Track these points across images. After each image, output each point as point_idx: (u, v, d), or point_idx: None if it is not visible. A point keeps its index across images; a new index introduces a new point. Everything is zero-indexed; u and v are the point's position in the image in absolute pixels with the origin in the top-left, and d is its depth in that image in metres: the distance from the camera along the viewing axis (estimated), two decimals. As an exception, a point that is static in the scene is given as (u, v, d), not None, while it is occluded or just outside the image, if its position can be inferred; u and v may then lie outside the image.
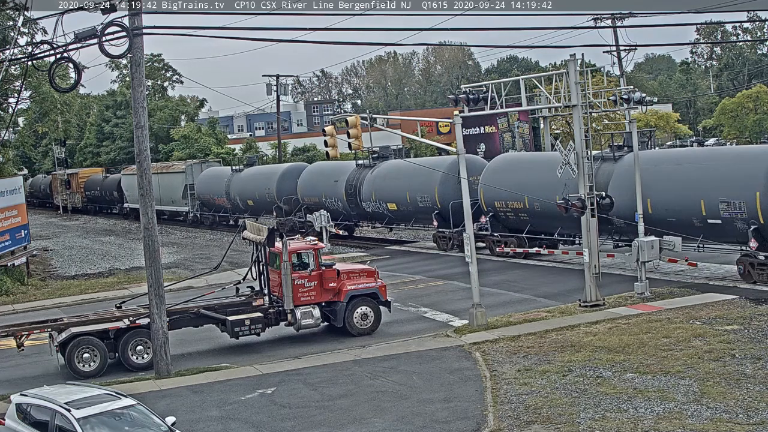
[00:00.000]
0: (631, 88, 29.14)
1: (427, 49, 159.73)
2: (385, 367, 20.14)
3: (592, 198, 25.11)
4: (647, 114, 52.89)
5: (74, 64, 20.67)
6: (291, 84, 76.22)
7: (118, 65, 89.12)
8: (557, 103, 26.87)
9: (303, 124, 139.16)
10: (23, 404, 14.77)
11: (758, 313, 22.10)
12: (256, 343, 23.87)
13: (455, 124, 24.21)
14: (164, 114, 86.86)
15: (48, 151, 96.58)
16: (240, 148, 79.77)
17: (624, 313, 23.54)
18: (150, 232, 21.04)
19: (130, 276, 37.89)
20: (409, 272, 33.82)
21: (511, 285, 29.65)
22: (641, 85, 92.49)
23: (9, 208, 38.05)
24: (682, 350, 19.21)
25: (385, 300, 24.50)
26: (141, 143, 20.94)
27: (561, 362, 19.13)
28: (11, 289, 35.59)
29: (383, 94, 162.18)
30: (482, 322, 23.33)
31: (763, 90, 75.05)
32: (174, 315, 22.74)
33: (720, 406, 15.46)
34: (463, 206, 24.46)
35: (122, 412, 14.06)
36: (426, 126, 68.00)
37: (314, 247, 24.03)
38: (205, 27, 28.48)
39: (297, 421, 16.81)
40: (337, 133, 25.25)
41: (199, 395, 18.98)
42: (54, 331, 22.38)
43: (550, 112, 33.67)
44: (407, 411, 16.80)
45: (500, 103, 27.39)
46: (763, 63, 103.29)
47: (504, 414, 16.09)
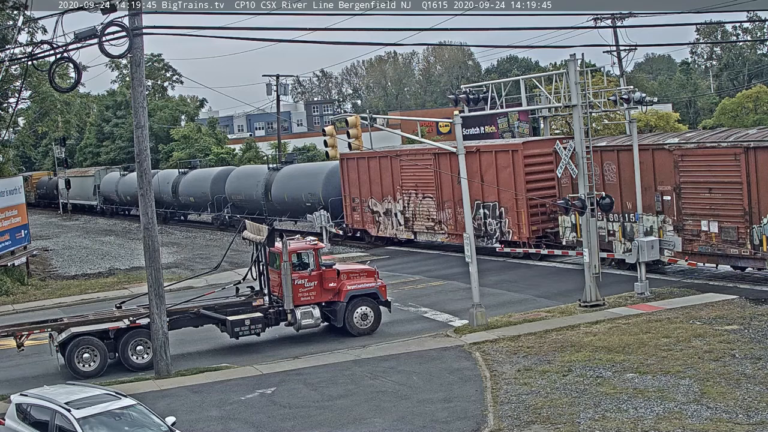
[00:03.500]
0: (631, 88, 29.11)
1: (427, 49, 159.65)
2: (385, 367, 20.15)
3: (592, 198, 25.11)
4: (647, 114, 52.81)
5: (74, 64, 20.69)
6: (291, 84, 76.36)
7: (118, 65, 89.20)
8: (557, 103, 26.87)
9: (303, 124, 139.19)
10: (23, 404, 14.78)
11: (758, 313, 22.10)
12: (256, 343, 23.87)
13: (455, 124, 24.20)
14: (164, 114, 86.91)
15: (48, 151, 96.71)
16: (240, 148, 79.81)
17: (624, 313, 23.54)
18: (150, 232, 21.05)
19: (130, 276, 37.89)
20: (409, 272, 33.82)
21: (511, 285, 29.66)
22: (641, 85, 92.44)
23: (9, 208, 38.05)
24: (682, 350, 19.21)
25: (385, 300, 24.50)
26: (141, 143, 20.94)
27: (561, 362, 19.13)
28: (11, 289, 35.57)
29: (383, 94, 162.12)
30: (482, 322, 23.33)
31: (763, 90, 75.03)
32: (174, 315, 22.74)
33: (720, 406, 15.46)
34: (463, 206, 24.46)
35: (122, 412, 14.06)
36: (426, 126, 67.94)
37: (314, 247, 24.04)
38: (205, 27, 28.55)
39: (297, 421, 16.81)
40: (337, 133, 25.25)
41: (199, 395, 18.98)
42: (54, 331, 22.38)
43: (550, 112, 33.67)
44: (407, 411, 16.80)
45: (500, 103, 27.39)
46: (763, 63, 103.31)
47: (504, 414, 16.09)
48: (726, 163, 25.54)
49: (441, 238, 37.81)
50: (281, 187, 47.61)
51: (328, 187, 43.44)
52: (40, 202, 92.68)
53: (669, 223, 27.64)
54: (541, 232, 33.18)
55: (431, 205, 37.46)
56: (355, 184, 41.96)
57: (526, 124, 48.09)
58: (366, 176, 41.13)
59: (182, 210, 61.26)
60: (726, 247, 25.97)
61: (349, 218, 42.61)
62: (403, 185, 38.97)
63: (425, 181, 37.63)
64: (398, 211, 39.44)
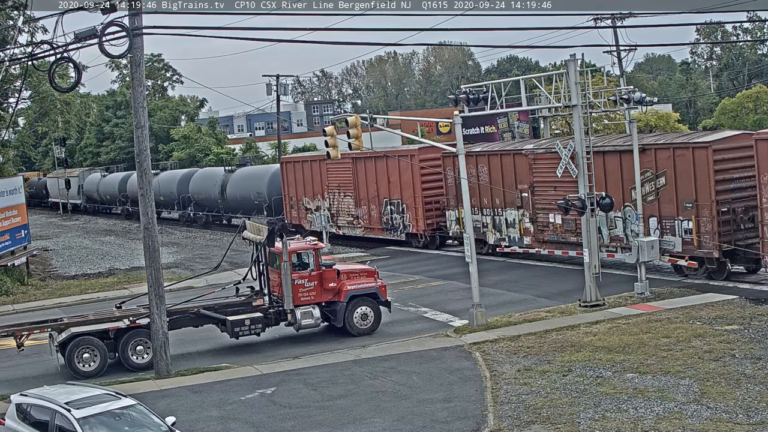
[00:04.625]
0: (631, 88, 29.13)
1: (427, 49, 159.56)
2: (385, 367, 20.15)
3: (592, 198, 25.11)
4: (647, 114, 52.81)
5: (74, 64, 20.69)
6: (291, 84, 76.21)
7: (118, 65, 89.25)
8: (557, 103, 26.87)
9: (303, 124, 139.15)
10: (23, 404, 14.77)
11: (758, 313, 22.10)
12: (256, 343, 23.87)
13: (455, 124, 24.20)
14: (164, 114, 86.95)
15: (48, 151, 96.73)
16: (240, 148, 79.85)
17: (624, 313, 23.54)
18: (150, 232, 21.04)
19: (130, 276, 37.89)
20: (408, 272, 33.82)
21: (511, 285, 29.66)
22: (641, 85, 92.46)
23: (9, 208, 38.05)
24: (682, 350, 19.21)
25: (385, 300, 24.50)
26: (141, 143, 20.94)
27: (561, 362, 19.13)
28: (11, 289, 35.57)
29: (383, 94, 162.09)
30: (482, 322, 23.33)
31: (763, 90, 75.00)
32: (174, 315, 22.74)
33: (720, 406, 15.46)
34: (463, 205, 24.46)
35: (122, 412, 14.06)
36: (426, 126, 67.95)
37: (314, 247, 24.04)
38: (205, 27, 28.56)
39: (297, 421, 16.81)
40: (338, 133, 25.26)
41: (199, 395, 18.98)
42: (54, 331, 22.37)
43: (550, 112, 33.70)
44: (407, 411, 16.80)
45: (500, 103, 27.37)
46: (763, 63, 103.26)
47: (504, 414, 16.09)
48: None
49: (359, 232, 42.94)
50: (234, 188, 53.23)
51: (271, 188, 49.31)
52: (30, 202, 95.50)
53: (527, 216, 32.69)
54: (435, 225, 38.43)
55: (350, 203, 42.78)
56: (292, 185, 47.31)
57: (526, 124, 48.09)
58: (301, 178, 46.45)
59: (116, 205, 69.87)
60: (567, 236, 30.84)
61: (288, 215, 47.53)
62: (329, 186, 44.30)
63: (346, 182, 42.94)
64: (326, 208, 44.48)
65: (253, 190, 51.15)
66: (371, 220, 41.40)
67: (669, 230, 27.44)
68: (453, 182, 35.28)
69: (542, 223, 32.10)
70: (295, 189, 46.97)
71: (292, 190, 47.29)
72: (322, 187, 44.76)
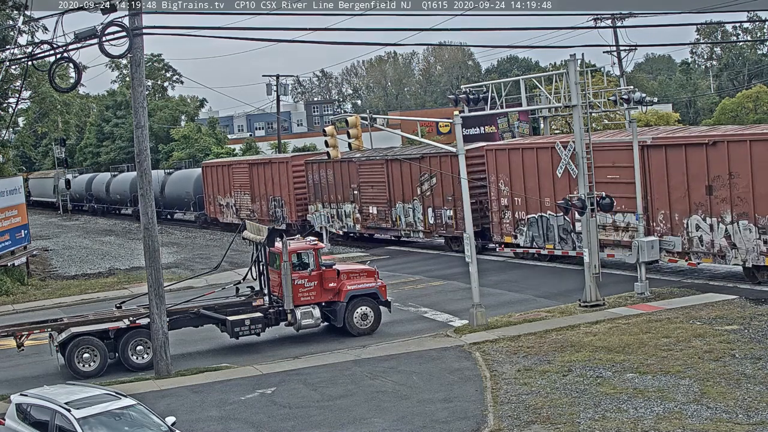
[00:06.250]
0: (631, 88, 29.19)
1: (427, 49, 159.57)
2: (385, 367, 20.15)
3: (592, 198, 25.10)
4: (647, 114, 52.85)
5: (74, 64, 20.69)
6: (291, 84, 76.36)
7: (118, 65, 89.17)
8: (557, 103, 26.88)
9: (303, 124, 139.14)
10: (23, 404, 14.78)
11: (758, 313, 22.10)
12: (256, 343, 23.87)
13: (455, 124, 24.19)
14: (164, 114, 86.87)
15: (48, 151, 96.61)
16: (240, 148, 79.83)
17: (624, 313, 23.53)
18: (150, 232, 21.05)
19: (130, 276, 37.89)
20: (408, 272, 33.83)
21: (511, 285, 29.66)
22: (641, 85, 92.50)
23: (9, 208, 38.03)
24: (682, 350, 19.21)
25: (385, 300, 24.50)
26: (141, 143, 20.94)
27: (561, 362, 19.13)
28: (11, 289, 35.55)
29: (383, 94, 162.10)
30: (482, 322, 23.33)
31: (763, 90, 74.96)
32: (174, 315, 22.74)
33: (720, 406, 15.46)
34: (464, 205, 24.46)
35: (122, 412, 14.07)
36: (426, 126, 67.93)
37: (314, 247, 24.04)
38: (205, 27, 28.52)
39: (297, 421, 16.81)
40: (338, 133, 25.26)
41: (199, 395, 18.98)
42: (54, 331, 22.37)
43: (550, 112, 33.72)
44: (407, 411, 16.80)
45: (500, 103, 27.38)
46: (763, 63, 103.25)
47: (504, 414, 16.10)
48: (377, 170, 40.72)
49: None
50: (170, 187, 62.25)
51: (196, 188, 58.60)
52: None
53: (356, 209, 42.14)
54: (305, 216, 46.86)
55: (249, 199, 51.73)
56: (210, 186, 56.62)
57: (526, 124, 48.07)
58: (216, 180, 55.80)
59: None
60: (380, 223, 40.77)
61: (208, 209, 57.31)
62: (234, 186, 53.47)
63: (245, 183, 52.14)
64: (233, 204, 53.71)
65: (183, 189, 60.63)
66: (262, 213, 50.27)
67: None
68: (312, 183, 45.62)
69: (366, 214, 41.96)
70: (212, 189, 56.35)
71: (209, 189, 56.66)
72: (230, 187, 53.86)
